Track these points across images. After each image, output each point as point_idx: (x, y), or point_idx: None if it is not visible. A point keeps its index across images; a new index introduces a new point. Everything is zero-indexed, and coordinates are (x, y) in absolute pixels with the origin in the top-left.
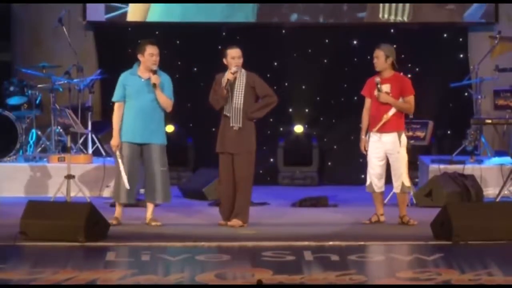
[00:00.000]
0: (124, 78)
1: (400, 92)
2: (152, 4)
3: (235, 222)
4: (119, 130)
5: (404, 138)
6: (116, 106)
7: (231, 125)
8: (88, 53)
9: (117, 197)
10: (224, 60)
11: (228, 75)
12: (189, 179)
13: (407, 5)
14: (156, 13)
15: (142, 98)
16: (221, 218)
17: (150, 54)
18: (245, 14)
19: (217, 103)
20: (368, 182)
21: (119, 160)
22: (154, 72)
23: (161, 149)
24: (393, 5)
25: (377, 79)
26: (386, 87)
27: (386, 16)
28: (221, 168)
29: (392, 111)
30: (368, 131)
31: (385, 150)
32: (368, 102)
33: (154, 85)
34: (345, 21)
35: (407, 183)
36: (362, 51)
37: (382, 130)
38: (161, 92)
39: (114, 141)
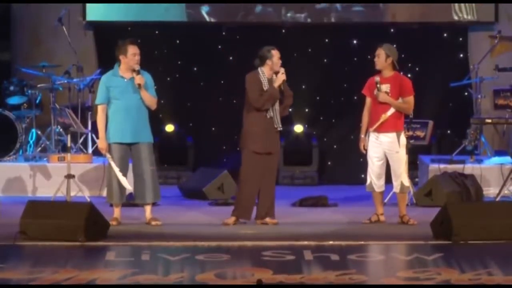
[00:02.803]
0: (107, 80)
1: (399, 92)
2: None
3: (271, 220)
4: (105, 132)
5: (403, 138)
6: (100, 108)
7: (275, 126)
8: (88, 53)
9: (109, 198)
10: (269, 61)
11: (282, 77)
12: (189, 178)
13: (473, 4)
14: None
15: (128, 98)
16: (222, 217)
17: (133, 54)
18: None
19: (267, 105)
20: (368, 182)
21: (112, 162)
22: (138, 72)
23: (149, 148)
24: (463, 4)
25: (377, 78)
26: (385, 87)
27: (459, 15)
28: (252, 168)
29: (391, 111)
30: (367, 130)
31: (383, 150)
32: (368, 101)
33: (139, 85)
34: (347, 21)
35: (407, 183)
36: (362, 51)
37: (380, 130)
38: (146, 92)
39: (102, 144)
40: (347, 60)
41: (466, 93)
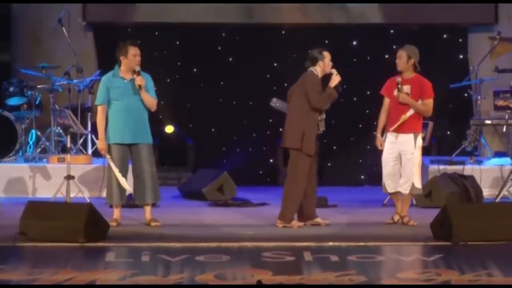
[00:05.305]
0: (108, 80)
1: (419, 94)
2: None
3: (323, 221)
4: (105, 133)
5: (419, 140)
6: (100, 109)
7: (321, 128)
8: (87, 54)
9: (109, 199)
10: (321, 62)
11: (338, 78)
12: (188, 179)
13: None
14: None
15: (128, 99)
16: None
17: (133, 55)
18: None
19: (327, 105)
20: (383, 183)
21: (111, 163)
22: (138, 73)
23: (149, 149)
24: None
25: (398, 79)
26: (406, 88)
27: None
28: (308, 170)
29: (410, 112)
30: (385, 131)
31: (399, 150)
32: (386, 101)
33: (140, 86)
34: (347, 22)
35: (418, 185)
36: (362, 51)
37: (399, 130)
38: (146, 93)
39: (101, 145)
40: (346, 61)
41: (466, 94)
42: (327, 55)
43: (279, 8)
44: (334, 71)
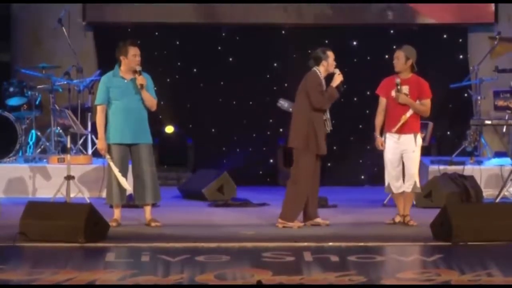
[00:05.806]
0: (108, 80)
1: (418, 94)
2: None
3: (323, 221)
4: (105, 133)
5: (419, 139)
6: (99, 108)
7: (326, 128)
8: (87, 54)
9: (109, 199)
10: (324, 62)
11: (340, 77)
12: (188, 179)
13: None
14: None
15: (128, 99)
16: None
17: (133, 55)
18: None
19: (327, 105)
20: (386, 184)
21: (111, 163)
22: (139, 73)
23: (149, 149)
24: None
25: (398, 80)
26: (405, 89)
27: None
28: (312, 168)
29: (410, 112)
30: (384, 131)
31: (401, 150)
32: (383, 102)
33: (141, 86)
34: (345, 21)
35: (418, 184)
36: (362, 51)
37: (400, 131)
38: (147, 92)
39: (101, 145)
40: (347, 61)
41: (466, 94)
42: (330, 54)
43: (279, 8)
44: (336, 71)
